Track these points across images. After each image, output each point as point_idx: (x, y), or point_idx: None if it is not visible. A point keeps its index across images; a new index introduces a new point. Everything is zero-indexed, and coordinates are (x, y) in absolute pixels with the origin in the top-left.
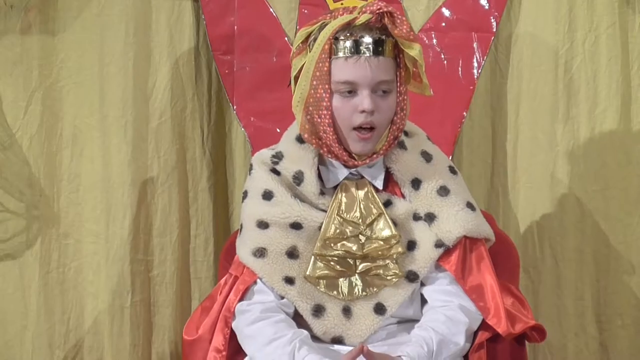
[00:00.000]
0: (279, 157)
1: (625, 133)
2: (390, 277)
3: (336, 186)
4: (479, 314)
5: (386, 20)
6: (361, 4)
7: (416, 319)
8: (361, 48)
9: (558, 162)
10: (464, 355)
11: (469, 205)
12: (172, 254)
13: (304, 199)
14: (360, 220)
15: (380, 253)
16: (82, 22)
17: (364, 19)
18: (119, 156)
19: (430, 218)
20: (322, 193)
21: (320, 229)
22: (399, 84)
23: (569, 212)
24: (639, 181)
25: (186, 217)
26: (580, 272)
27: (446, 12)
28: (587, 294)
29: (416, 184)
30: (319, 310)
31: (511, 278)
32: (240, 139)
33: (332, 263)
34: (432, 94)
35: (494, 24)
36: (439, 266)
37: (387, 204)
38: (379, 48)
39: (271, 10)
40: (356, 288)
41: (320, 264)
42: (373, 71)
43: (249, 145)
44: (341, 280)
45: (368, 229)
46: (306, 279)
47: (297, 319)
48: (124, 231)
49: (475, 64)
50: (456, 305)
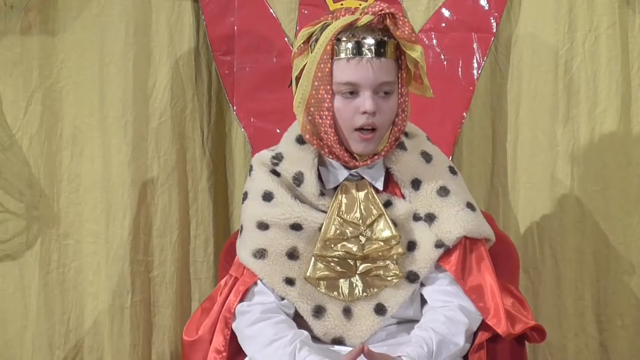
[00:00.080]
0: (278, 158)
1: (625, 133)
2: (391, 278)
3: (336, 187)
4: (478, 314)
5: (388, 21)
6: (363, 5)
7: (416, 320)
8: (363, 49)
9: (558, 162)
10: (464, 356)
11: (469, 206)
12: (172, 254)
13: (304, 200)
14: (361, 221)
15: (381, 254)
16: (82, 22)
17: (366, 20)
18: (119, 156)
19: (430, 218)
20: (322, 194)
21: (320, 230)
22: (400, 85)
23: (569, 212)
24: (639, 181)
25: (186, 217)
26: (580, 272)
27: (446, 13)
28: (587, 294)
29: (416, 184)
30: (319, 311)
31: (511, 278)
32: (240, 139)
33: (332, 264)
34: (433, 95)
35: (494, 24)
36: (439, 266)
37: (387, 204)
38: (380, 49)
39: (271, 10)
40: (356, 289)
41: (320, 265)
42: (375, 72)
43: (249, 146)
44: (341, 281)
45: (368, 229)
46: (306, 280)
47: (298, 319)
48: (124, 231)
49: (475, 65)
50: (456, 306)
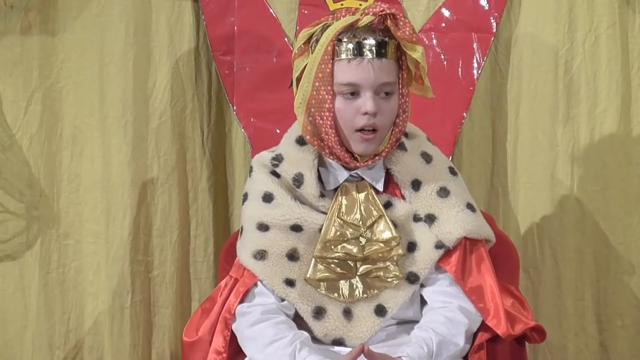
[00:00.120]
0: (278, 159)
1: (625, 133)
2: (391, 279)
3: (336, 188)
4: (478, 315)
5: (389, 22)
6: (363, 6)
7: (416, 320)
8: (364, 50)
9: (558, 162)
10: (464, 356)
11: (469, 207)
12: (172, 254)
13: (304, 201)
14: (361, 223)
15: (381, 255)
16: (82, 22)
17: (366, 20)
18: (119, 156)
19: (431, 219)
20: (322, 195)
21: (320, 231)
22: (401, 86)
23: (569, 213)
24: (639, 181)
25: (186, 217)
26: (580, 272)
27: (446, 13)
28: (587, 294)
29: (416, 185)
30: (319, 312)
31: (511, 279)
32: (240, 139)
33: (332, 265)
34: (433, 96)
35: (494, 24)
36: (439, 267)
37: (387, 205)
38: (381, 50)
39: (271, 10)
40: (357, 290)
41: (320, 267)
42: (376, 73)
43: (249, 146)
44: (342, 283)
45: (368, 231)
46: (307, 282)
47: (298, 320)
48: (124, 231)
49: (475, 65)
50: (456, 307)
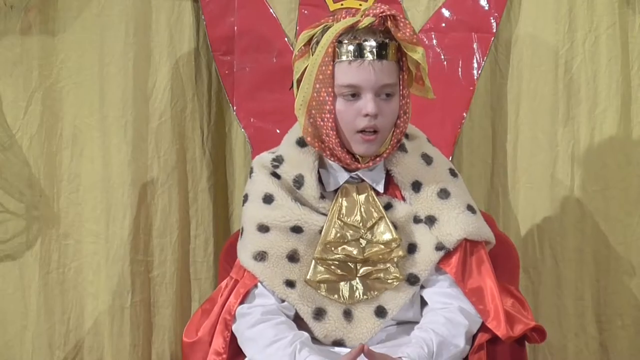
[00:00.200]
0: (279, 160)
1: (625, 133)
2: (391, 281)
3: (336, 190)
4: (478, 316)
5: (389, 23)
6: (363, 7)
7: (416, 321)
8: (364, 52)
9: (558, 162)
10: (464, 357)
11: (470, 208)
12: (172, 254)
13: (304, 202)
14: (361, 224)
15: (381, 257)
16: (82, 22)
17: (367, 22)
18: (119, 156)
19: (431, 221)
20: (323, 197)
21: (320, 232)
22: (402, 87)
23: (569, 213)
24: (639, 181)
25: (186, 217)
26: (580, 272)
27: (446, 13)
28: (587, 294)
29: (417, 186)
30: (320, 314)
31: (511, 279)
32: (240, 139)
33: (332, 267)
34: (434, 96)
35: (494, 24)
36: (439, 269)
37: (388, 206)
38: (382, 51)
39: (271, 10)
40: (357, 292)
41: (320, 268)
42: (376, 75)
43: (249, 146)
44: (342, 284)
45: (369, 232)
46: (307, 283)
47: (298, 321)
48: (124, 231)
49: (475, 65)
50: (456, 308)
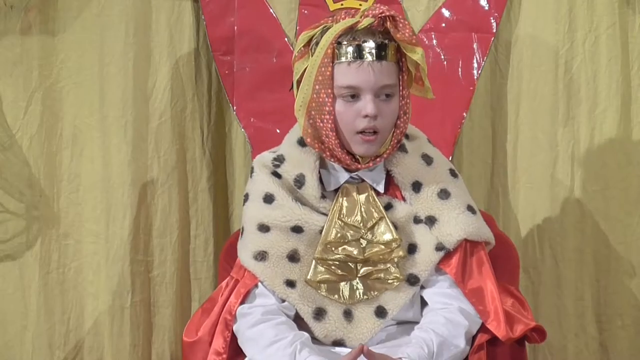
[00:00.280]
0: (280, 160)
1: (626, 133)
2: (391, 281)
3: (337, 190)
4: (478, 317)
5: (388, 24)
6: (363, 7)
7: (416, 321)
8: (364, 53)
9: (558, 162)
10: (464, 358)
11: (470, 209)
12: (172, 254)
13: (305, 202)
14: (361, 224)
15: (381, 257)
16: (82, 22)
17: (366, 23)
18: (119, 156)
19: (431, 221)
20: (323, 197)
21: (321, 232)
22: (401, 87)
23: (569, 213)
24: (639, 181)
25: (186, 217)
26: (580, 272)
27: (446, 13)
28: (587, 294)
29: (417, 187)
30: (320, 314)
31: (511, 279)
32: (240, 139)
33: (333, 267)
34: (434, 97)
35: (494, 24)
36: (439, 269)
37: (388, 207)
38: (381, 52)
39: (271, 10)
40: (357, 292)
41: (321, 268)
42: (376, 76)
43: (249, 146)
44: (342, 284)
45: (369, 232)
46: (307, 283)
47: (298, 321)
48: (124, 231)
49: (475, 65)
50: (456, 308)
